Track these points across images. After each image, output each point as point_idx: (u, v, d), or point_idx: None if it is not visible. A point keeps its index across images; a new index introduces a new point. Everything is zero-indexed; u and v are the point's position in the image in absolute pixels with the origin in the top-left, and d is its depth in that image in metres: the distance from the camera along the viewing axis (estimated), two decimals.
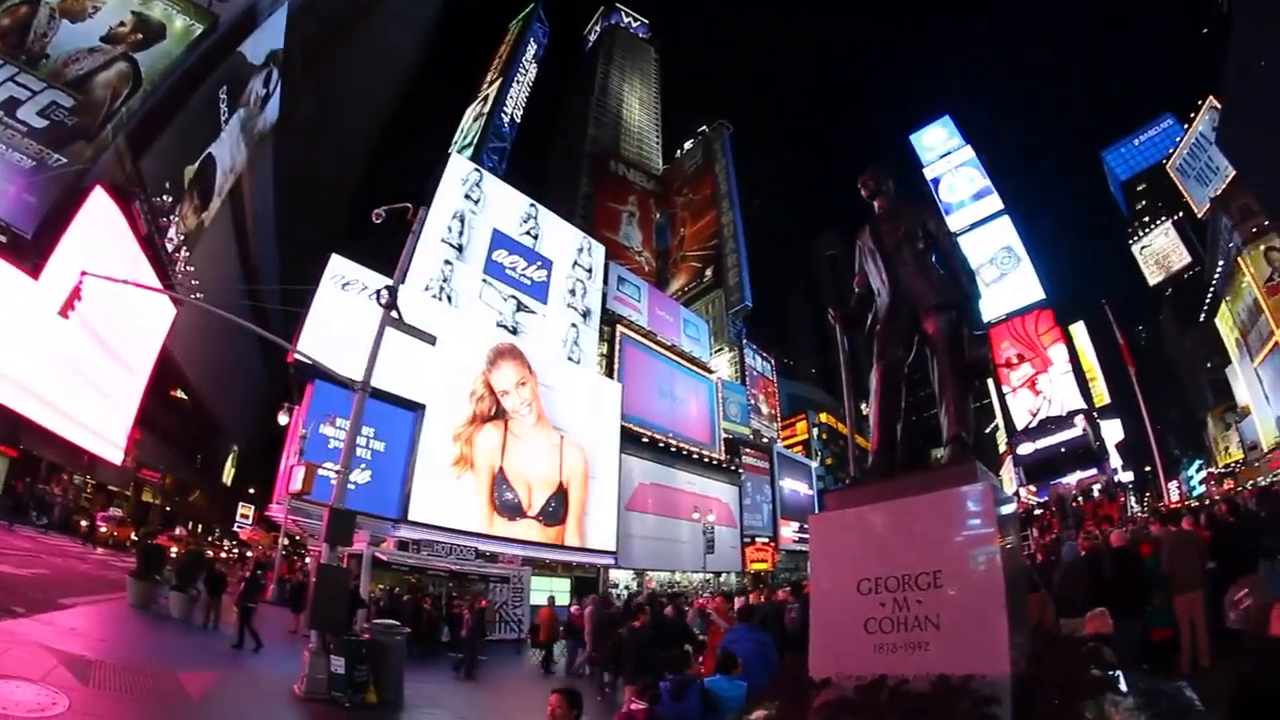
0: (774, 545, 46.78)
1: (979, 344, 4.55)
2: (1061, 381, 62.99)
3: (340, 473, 11.73)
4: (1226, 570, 8.28)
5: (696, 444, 43.01)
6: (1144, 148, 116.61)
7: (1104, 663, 3.91)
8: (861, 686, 3.22)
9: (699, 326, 52.81)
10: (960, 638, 3.28)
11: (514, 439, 27.73)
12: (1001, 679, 3.12)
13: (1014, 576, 3.59)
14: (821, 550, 4.07)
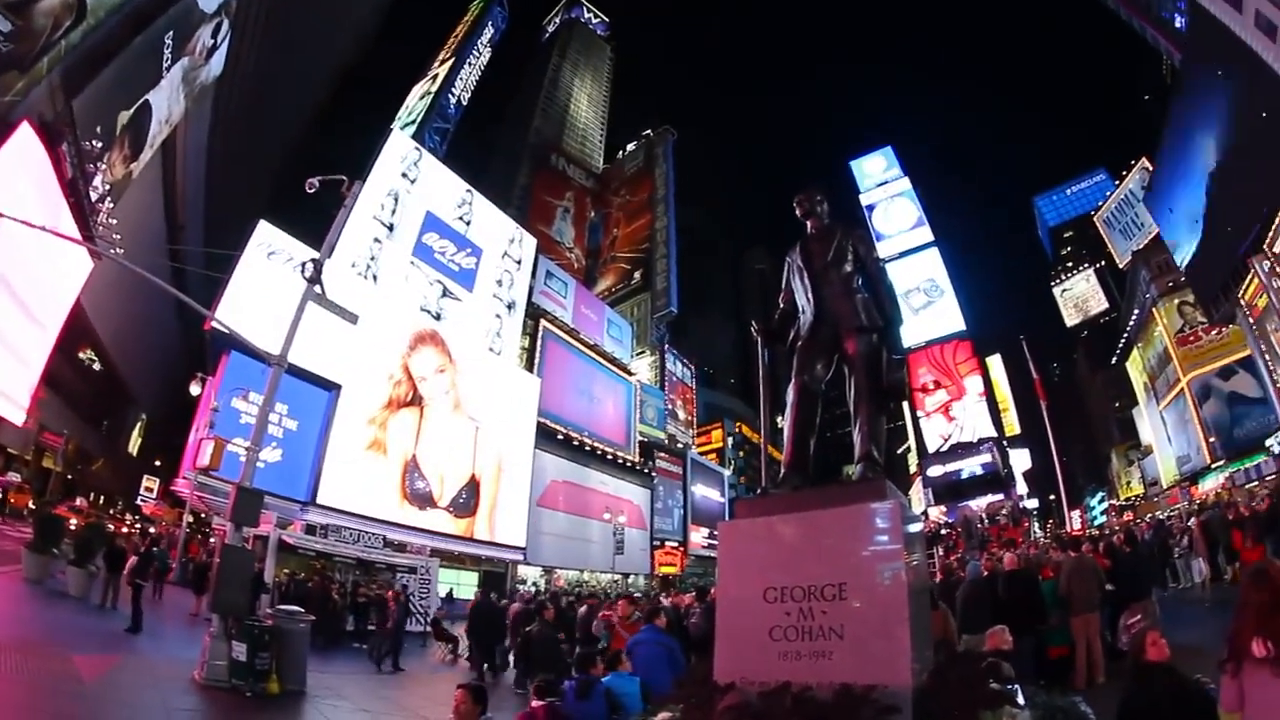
0: (683, 550, 47.99)
1: (897, 368, 4.72)
2: (975, 410, 66.61)
3: (250, 450, 11.49)
4: (1122, 595, 9.29)
5: (611, 445, 43.81)
6: (1075, 198, 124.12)
7: (1002, 677, 4.16)
8: (765, 692, 3.30)
9: (623, 328, 53.67)
10: (863, 649, 3.40)
11: (429, 427, 27.87)
12: (903, 690, 3.25)
13: (917, 592, 3.79)
14: (730, 557, 4.13)
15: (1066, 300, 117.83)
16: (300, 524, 22.48)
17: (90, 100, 25.09)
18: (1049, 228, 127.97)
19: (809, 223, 5.26)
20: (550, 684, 5.49)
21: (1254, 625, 2.91)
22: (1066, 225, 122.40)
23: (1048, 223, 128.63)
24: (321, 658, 13.22)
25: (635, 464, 46.11)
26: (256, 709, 9.14)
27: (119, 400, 48.86)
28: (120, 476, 49.88)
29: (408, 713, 10.58)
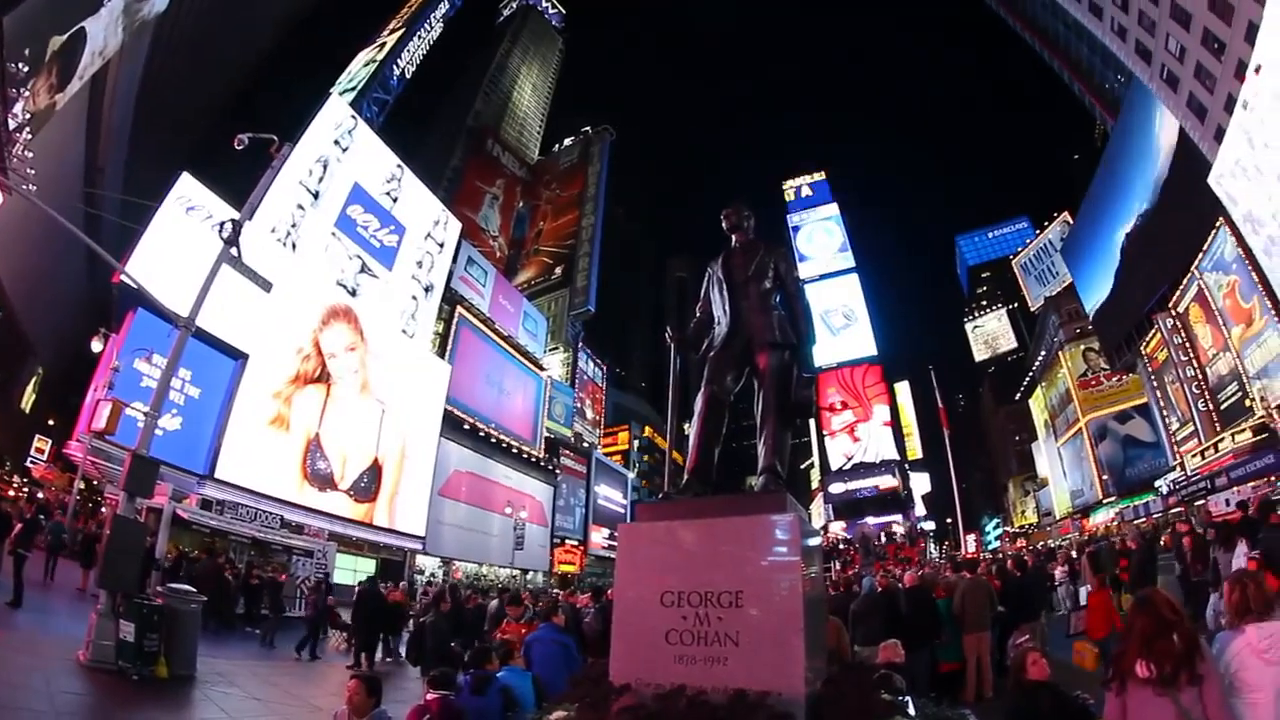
0: (583, 549, 48.76)
1: (806, 385, 4.84)
2: (880, 432, 69.77)
3: (149, 415, 11.12)
4: (1012, 616, 10.20)
5: (518, 438, 44.17)
6: (996, 241, 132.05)
7: (894, 689, 4.34)
8: (661, 694, 3.38)
9: (538, 322, 54.10)
10: (758, 656, 3.49)
11: (335, 405, 27.64)
12: (796, 698, 3.35)
13: (813, 603, 3.91)
14: (629, 559, 4.17)
15: (977, 336, 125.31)
16: (196, 498, 21.71)
17: (23, 19, 23.81)
18: (968, 266, 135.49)
19: (734, 236, 5.44)
20: (445, 677, 5.57)
21: (1137, 648, 3.20)
22: (985, 266, 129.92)
23: (967, 261, 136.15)
24: (212, 641, 12.89)
25: (540, 460, 46.59)
26: (144, 694, 8.82)
27: (15, 349, 45.51)
28: (9, 434, 46.78)
29: (300, 702, 10.32)
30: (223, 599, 16.29)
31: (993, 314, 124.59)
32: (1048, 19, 69.36)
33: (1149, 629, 3.20)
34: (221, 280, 12.08)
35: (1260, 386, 37.68)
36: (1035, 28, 75.16)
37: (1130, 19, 42.05)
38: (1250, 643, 3.32)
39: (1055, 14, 60.86)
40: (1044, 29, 74.05)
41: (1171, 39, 38.98)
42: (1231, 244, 37.76)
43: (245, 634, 16.14)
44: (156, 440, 11.66)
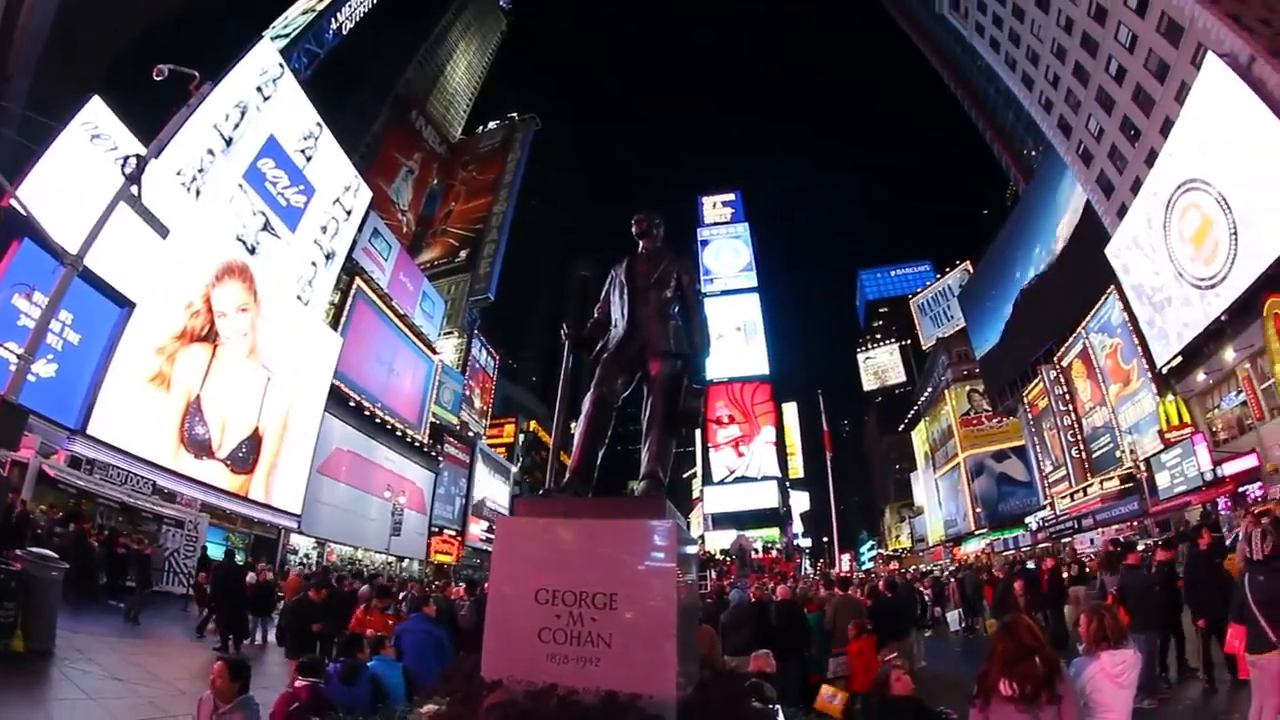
0: (461, 540, 48.22)
1: (695, 396, 4.96)
2: (764, 449, 71.60)
3: (23, 358, 10.66)
4: (882, 632, 10.49)
5: (403, 421, 43.27)
6: (897, 279, 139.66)
7: (765, 698, 4.48)
8: (532, 692, 3.42)
9: (436, 304, 53.55)
10: (630, 658, 3.55)
11: (219, 368, 26.22)
12: (668, 702, 3.44)
13: (687, 609, 4.03)
14: (506, 554, 4.18)
15: (868, 367, 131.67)
16: (65, 454, 20.14)
17: None
18: (867, 300, 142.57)
19: (642, 242, 5.52)
20: (314, 664, 5.58)
21: (1001, 667, 3.49)
22: (883, 301, 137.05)
23: (867, 295, 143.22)
24: (72, 614, 12.20)
25: (424, 445, 45.73)
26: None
27: None
28: None
29: (162, 684, 9.83)
30: (86, 568, 15.28)
31: (885, 348, 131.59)
32: (982, 82, 73.80)
33: (1011, 651, 3.51)
34: (117, 219, 11.55)
35: (1130, 441, 41.28)
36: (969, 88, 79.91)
37: (1058, 95, 45.56)
38: (1104, 668, 3.77)
39: (990, 79, 64.86)
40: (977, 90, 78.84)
41: (1093, 120, 42.42)
42: (1119, 310, 41.10)
43: (108, 607, 15.14)
44: (27, 386, 11.01)
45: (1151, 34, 35.48)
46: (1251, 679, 5.39)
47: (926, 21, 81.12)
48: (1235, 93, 28.61)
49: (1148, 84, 36.96)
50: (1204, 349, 34.51)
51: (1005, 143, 74.34)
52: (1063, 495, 49.60)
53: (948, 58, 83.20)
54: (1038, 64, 46.99)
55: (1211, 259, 32.23)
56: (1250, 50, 29.14)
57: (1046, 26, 44.58)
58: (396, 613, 10.90)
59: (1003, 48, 51.42)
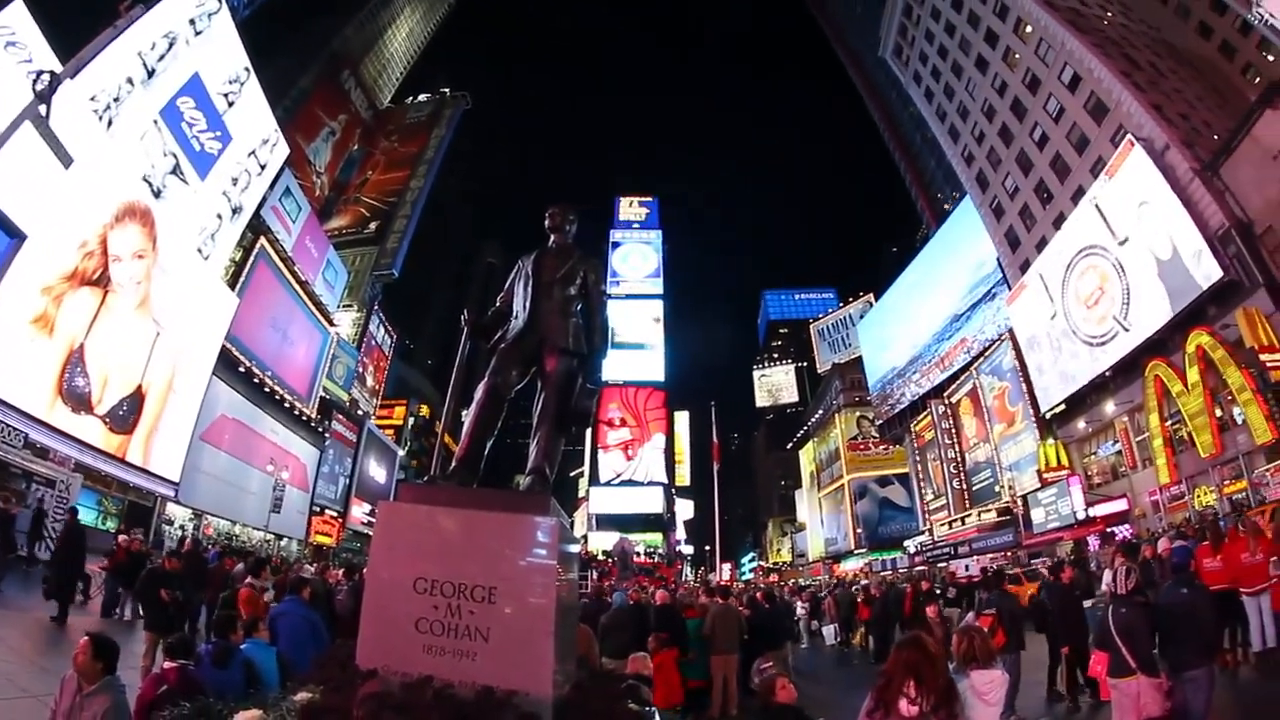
0: (342, 521, 46.31)
1: (588, 396, 4.95)
2: (653, 455, 72.10)
3: None
4: (758, 642, 10.99)
5: (292, 393, 41.17)
6: (801, 303, 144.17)
7: (641, 700, 4.52)
8: (408, 684, 3.35)
9: (339, 274, 51.51)
10: (507, 654, 3.55)
11: (107, 316, 23.82)
12: (544, 699, 3.45)
13: (566, 608, 4.05)
14: (386, 539, 4.11)
15: (763, 384, 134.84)
16: None
17: None
18: (769, 319, 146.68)
19: (553, 236, 5.54)
20: (184, 645, 5.38)
21: (903, 678, 3.54)
22: (785, 323, 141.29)
23: (769, 315, 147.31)
24: None
25: (311, 420, 43.64)
26: None
27: None
28: None
29: (24, 660, 9.22)
30: None
31: (781, 367, 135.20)
32: (910, 128, 77.33)
33: (914, 660, 3.58)
34: (18, 140, 10.49)
35: (1010, 477, 43.67)
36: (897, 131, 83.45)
37: (981, 151, 47.97)
38: (974, 686, 3.99)
39: (919, 126, 67.84)
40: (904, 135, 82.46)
41: (1010, 179, 44.89)
42: (1011, 357, 43.47)
43: None
44: None
45: (1078, 109, 37.85)
46: (1112, 701, 5.88)
47: (868, 63, 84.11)
48: (1146, 174, 30.79)
49: (1067, 154, 39.34)
50: (1087, 400, 36.91)
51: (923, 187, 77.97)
52: (942, 523, 52.14)
53: (882, 100, 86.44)
54: (966, 119, 49.46)
55: (1103, 320, 34.56)
56: (1167, 139, 31.37)
57: (981, 87, 46.97)
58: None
59: (936, 99, 53.93)
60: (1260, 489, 25.66)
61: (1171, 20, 46.18)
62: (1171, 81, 37.77)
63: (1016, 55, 43.06)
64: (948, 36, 50.93)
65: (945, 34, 51.27)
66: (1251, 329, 25.87)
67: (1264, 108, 26.65)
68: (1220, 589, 8.60)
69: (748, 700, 10.07)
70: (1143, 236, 31.31)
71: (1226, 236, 28.02)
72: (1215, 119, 34.88)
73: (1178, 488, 30.64)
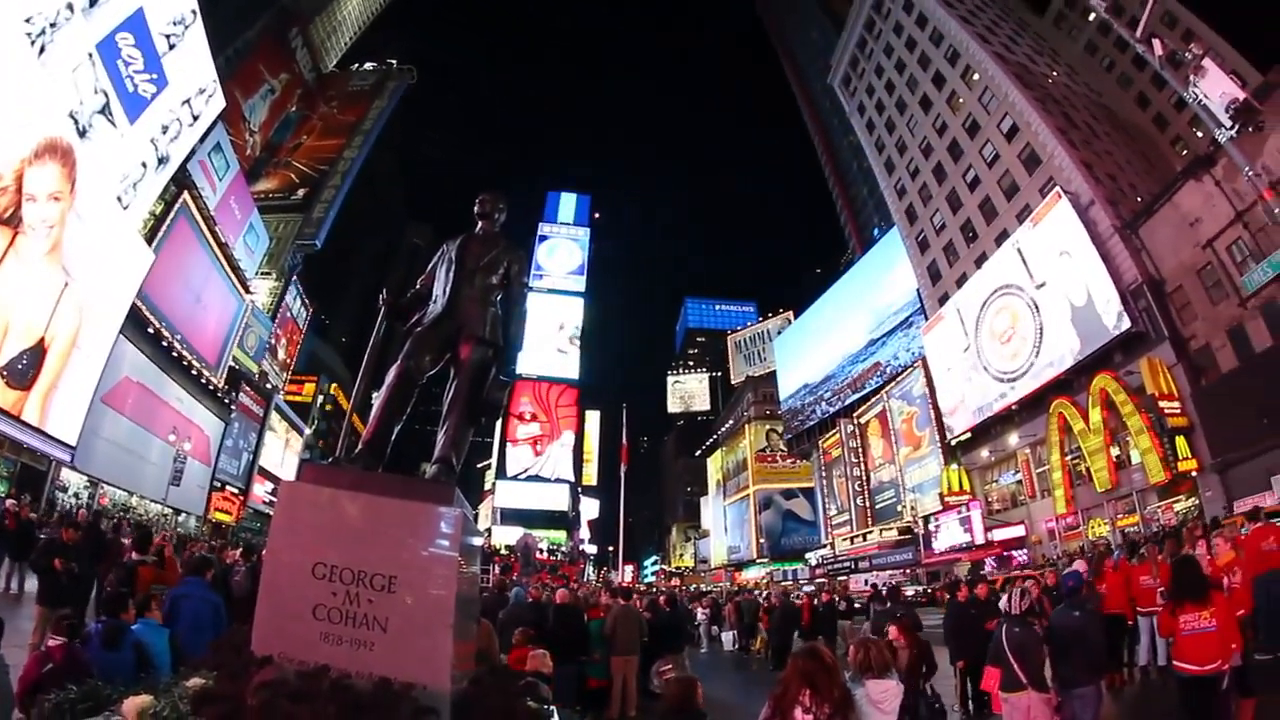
0: (243, 499, 43.66)
1: (500, 388, 4.93)
2: (561, 452, 71.96)
3: None
4: (657, 645, 10.97)
5: (201, 360, 38.43)
6: (721, 314, 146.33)
7: (540, 698, 4.50)
8: (304, 673, 3.23)
9: (260, 239, 48.84)
10: (405, 645, 3.46)
11: (14, 260, 21.36)
12: (442, 692, 3.38)
13: (466, 601, 3.97)
14: (287, 520, 3.96)
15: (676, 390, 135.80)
16: None
17: None
18: (687, 327, 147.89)
19: (481, 223, 5.46)
20: (73, 623, 5.19)
21: (798, 689, 3.59)
22: (703, 331, 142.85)
23: (688, 323, 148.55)
24: None
25: (218, 389, 40.93)
26: None
27: None
28: None
29: None
30: None
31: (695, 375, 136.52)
32: (847, 155, 79.31)
33: (810, 670, 3.63)
34: None
35: (913, 498, 44.98)
36: (834, 156, 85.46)
37: (914, 186, 49.43)
38: (869, 694, 4.05)
39: (856, 154, 69.53)
40: (840, 161, 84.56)
41: (939, 215, 46.33)
42: (922, 384, 44.84)
43: None
44: None
45: (1012, 158, 39.26)
46: (1003, 714, 6.16)
47: (816, 89, 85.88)
48: (1070, 226, 32.26)
49: (996, 198, 40.77)
50: (992, 430, 38.36)
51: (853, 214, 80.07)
52: (844, 538, 53.30)
53: (824, 125, 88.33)
54: (904, 154, 50.87)
55: (1014, 357, 35.97)
56: (1093, 195, 32.93)
57: (922, 125, 48.36)
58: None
59: (877, 131, 55.31)
60: (1151, 524, 27.07)
61: (1113, 88, 49.02)
62: (1104, 143, 39.75)
63: (960, 100, 44.41)
64: (897, 74, 52.35)
65: (895, 71, 52.66)
66: (1154, 377, 27.36)
67: (1188, 178, 28.22)
68: (1112, 613, 9.20)
69: (647, 702, 10.22)
70: (1060, 283, 32.73)
71: (1138, 291, 29.55)
72: (1141, 182, 36.86)
73: (1073, 518, 32.18)
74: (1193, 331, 28.09)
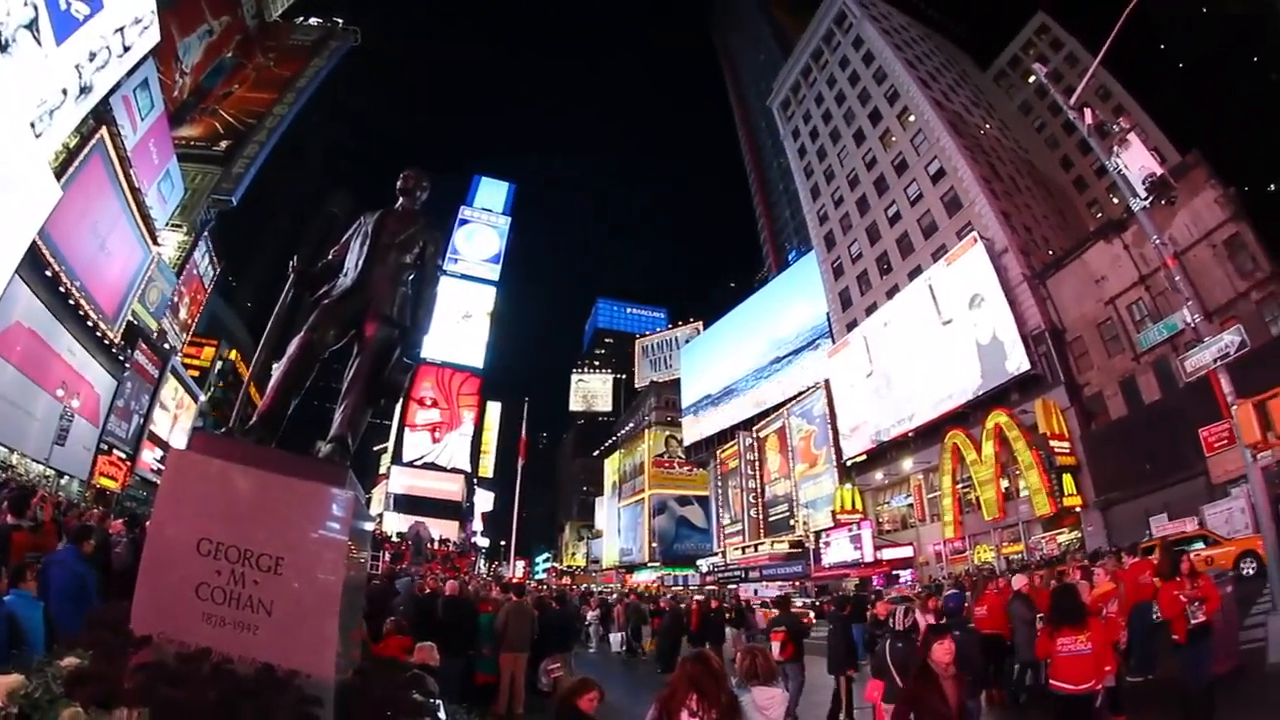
0: (130, 465, 40.46)
1: (403, 370, 4.79)
2: (460, 441, 70.10)
3: None
4: (546, 643, 11.03)
5: (98, 310, 34.93)
6: (632, 317, 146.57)
7: (426, 690, 4.38)
8: (185, 655, 3.08)
9: (175, 189, 45.35)
10: (291, 631, 3.33)
11: None
12: (325, 682, 3.27)
13: (352, 588, 3.84)
14: (174, 491, 3.71)
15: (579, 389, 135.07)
16: None
17: None
18: (597, 327, 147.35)
19: (402, 199, 5.35)
20: None
21: (685, 693, 3.61)
22: (611, 332, 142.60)
23: (598, 322, 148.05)
24: None
25: (114, 345, 37.67)
26: None
27: None
28: None
29: None
30: None
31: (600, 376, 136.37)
32: (775, 176, 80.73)
33: (698, 674, 3.67)
34: None
35: (806, 514, 46.05)
36: (762, 175, 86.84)
37: (836, 214, 50.77)
38: (755, 701, 4.07)
39: (784, 177, 70.85)
40: (768, 181, 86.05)
41: (857, 245, 47.70)
42: (823, 405, 46.05)
43: None
44: None
45: (935, 199, 40.70)
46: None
47: (754, 108, 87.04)
48: (982, 269, 33.72)
49: (914, 235, 42.25)
50: (887, 454, 39.71)
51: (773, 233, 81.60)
52: (736, 547, 54.02)
53: (757, 144, 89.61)
54: (830, 182, 52.10)
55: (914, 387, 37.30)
56: (1008, 243, 34.55)
57: (852, 157, 49.65)
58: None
59: (808, 157, 56.47)
60: (1035, 552, 28.59)
61: (1041, 147, 52.01)
62: (1025, 197, 41.91)
63: (893, 138, 45.75)
64: (836, 105, 53.56)
65: (834, 102, 53.87)
66: (1047, 418, 28.95)
67: (1098, 239, 30.14)
68: (990, 633, 9.56)
69: (534, 700, 10.25)
70: (966, 321, 34.13)
71: (1040, 337, 31.21)
72: (1054, 237, 39.05)
73: (961, 543, 33.60)
74: (1088, 379, 29.91)
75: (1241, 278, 24.59)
